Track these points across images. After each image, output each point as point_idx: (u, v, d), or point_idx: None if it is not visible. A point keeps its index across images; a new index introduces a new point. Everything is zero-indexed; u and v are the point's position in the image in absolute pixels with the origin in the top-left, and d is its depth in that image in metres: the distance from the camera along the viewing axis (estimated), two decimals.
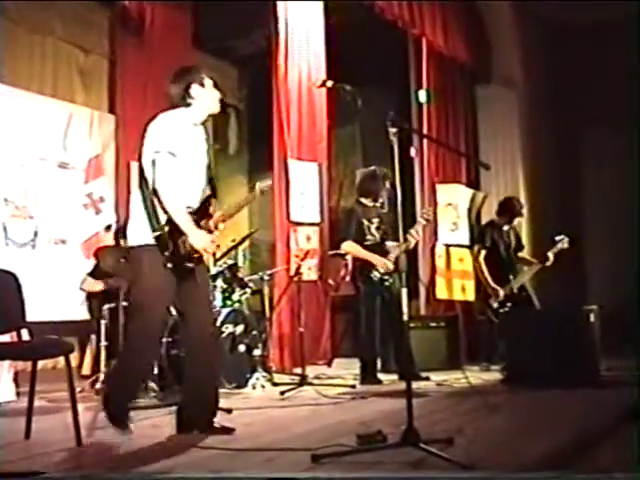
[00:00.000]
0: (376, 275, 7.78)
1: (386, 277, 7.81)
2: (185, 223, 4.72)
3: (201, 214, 4.90)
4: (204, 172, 4.97)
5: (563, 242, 8.74)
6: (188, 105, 4.95)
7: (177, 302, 5.09)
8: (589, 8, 10.99)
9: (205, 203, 4.96)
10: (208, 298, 5.31)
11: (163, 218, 4.68)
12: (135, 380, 5.12)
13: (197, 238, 4.76)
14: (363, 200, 8.05)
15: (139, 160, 4.83)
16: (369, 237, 7.93)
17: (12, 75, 8.40)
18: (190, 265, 4.78)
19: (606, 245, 11.46)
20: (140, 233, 4.76)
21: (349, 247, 7.93)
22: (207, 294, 5.25)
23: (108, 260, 7.58)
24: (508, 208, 9.08)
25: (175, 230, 4.70)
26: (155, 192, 4.67)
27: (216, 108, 5.08)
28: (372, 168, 8.07)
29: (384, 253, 7.84)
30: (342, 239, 8.01)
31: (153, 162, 4.68)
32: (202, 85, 4.99)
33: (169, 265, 4.68)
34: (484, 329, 9.10)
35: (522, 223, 9.41)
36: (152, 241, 4.68)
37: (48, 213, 8.12)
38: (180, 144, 4.76)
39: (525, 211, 9.34)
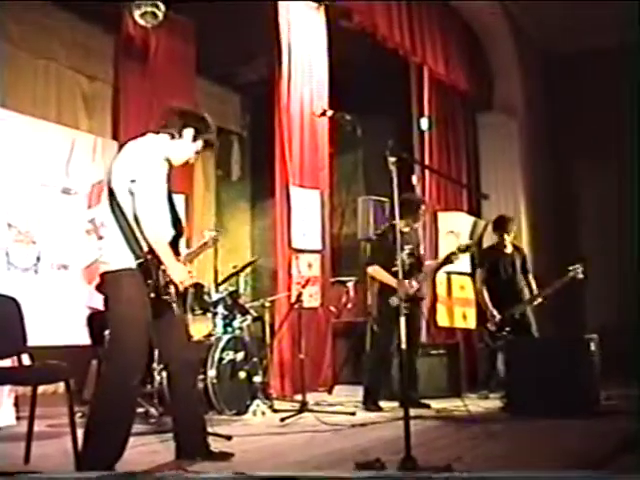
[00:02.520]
0: (394, 301, 7.75)
1: (405, 304, 7.80)
2: (166, 255, 4.63)
3: (173, 250, 4.78)
4: (168, 209, 4.84)
5: (577, 272, 8.59)
6: (172, 137, 4.91)
7: (154, 335, 4.80)
8: (588, 36, 11.09)
9: (174, 241, 4.83)
10: (186, 329, 5.18)
11: (144, 245, 4.58)
12: (117, 432, 4.61)
13: (177, 271, 4.67)
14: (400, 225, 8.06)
15: (108, 184, 4.72)
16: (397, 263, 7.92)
17: (16, 100, 8.45)
18: (167, 298, 4.67)
19: (605, 272, 11.46)
20: (117, 257, 4.63)
21: (374, 272, 7.97)
22: (185, 325, 5.15)
23: None
24: (498, 226, 9.22)
25: (155, 260, 4.60)
26: (136, 220, 4.56)
27: (179, 162, 4.99)
28: (407, 194, 8.07)
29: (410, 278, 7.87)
30: (368, 263, 8.06)
31: (130, 191, 4.57)
32: (195, 137, 4.95)
33: (152, 295, 4.59)
34: (482, 355, 9.13)
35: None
36: (131, 265, 4.57)
37: (51, 238, 8.15)
38: (154, 175, 4.70)
39: (525, 237, 9.37)
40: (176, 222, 4.89)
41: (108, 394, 4.62)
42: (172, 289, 4.70)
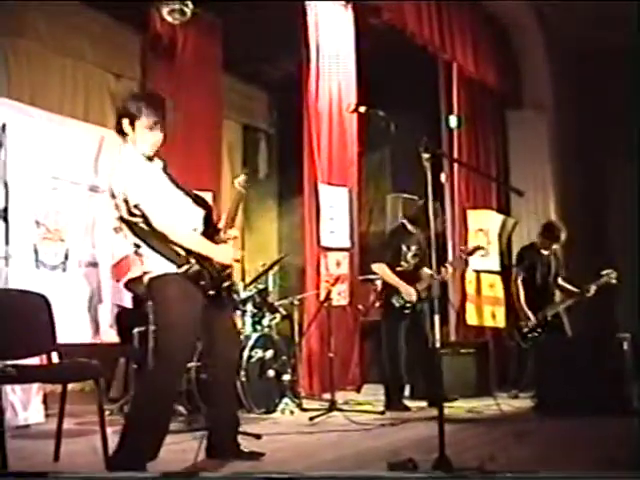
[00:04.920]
0: (399, 301, 7.80)
1: (408, 305, 7.81)
2: (203, 247, 4.60)
3: (209, 232, 4.74)
4: (183, 195, 4.76)
5: (610, 276, 8.63)
6: (123, 137, 4.78)
7: (203, 328, 4.80)
8: (620, 33, 10.95)
9: (206, 221, 4.78)
10: (234, 322, 5.20)
11: (181, 252, 4.53)
12: (157, 432, 4.62)
13: (221, 254, 4.66)
14: (409, 226, 8.07)
15: (120, 217, 4.61)
16: (403, 263, 7.95)
17: (44, 98, 8.47)
18: (226, 284, 4.68)
19: (637, 272, 11.34)
20: (160, 263, 4.57)
21: (379, 269, 7.97)
22: (233, 318, 5.17)
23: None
24: (550, 231, 9.09)
25: (199, 257, 4.56)
26: (159, 235, 4.50)
27: (147, 151, 4.79)
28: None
29: (415, 280, 7.86)
30: (375, 259, 8.04)
31: (137, 214, 4.50)
32: (132, 123, 4.76)
33: (211, 293, 4.57)
34: (513, 355, 9.08)
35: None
36: (173, 269, 4.53)
37: (79, 236, 8.15)
38: (147, 184, 4.57)
39: None
40: (198, 202, 4.82)
41: (151, 395, 4.60)
42: (226, 272, 4.69)
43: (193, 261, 4.53)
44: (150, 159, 4.76)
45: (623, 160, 12.09)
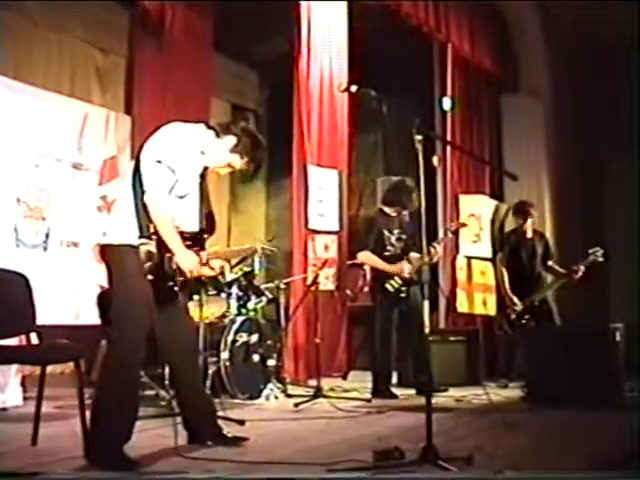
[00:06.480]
0: (393, 285, 7.78)
1: (403, 288, 7.79)
2: (172, 240, 4.53)
3: (193, 243, 4.71)
4: (197, 200, 4.78)
5: (597, 254, 8.63)
6: (217, 135, 4.84)
7: (155, 322, 4.74)
8: (620, 21, 10.91)
9: (198, 235, 4.78)
10: (188, 314, 5.11)
11: (152, 228, 4.50)
12: (126, 411, 4.55)
13: (183, 257, 4.57)
14: (386, 210, 8.04)
15: (136, 158, 4.65)
16: (389, 248, 7.92)
17: (29, 73, 8.40)
18: (172, 285, 4.60)
19: (631, 262, 11.33)
20: (122, 231, 4.55)
21: (365, 257, 7.95)
22: (187, 310, 5.08)
23: None
24: (518, 210, 9.23)
25: (162, 245, 4.51)
26: (144, 201, 4.49)
27: (219, 167, 4.95)
28: (401, 178, 8.06)
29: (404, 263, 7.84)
30: (359, 249, 8.01)
31: (150, 170, 4.52)
32: (236, 149, 4.85)
33: (149, 277, 4.49)
34: (502, 343, 9.08)
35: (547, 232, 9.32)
36: (132, 242, 4.49)
37: (61, 215, 8.10)
38: (183, 163, 4.61)
39: (548, 223, 9.32)
40: (207, 219, 4.84)
41: (114, 373, 4.55)
42: (179, 278, 4.62)
43: (152, 243, 4.48)
44: (202, 153, 4.80)
45: (619, 147, 12.07)
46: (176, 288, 4.63)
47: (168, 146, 4.61)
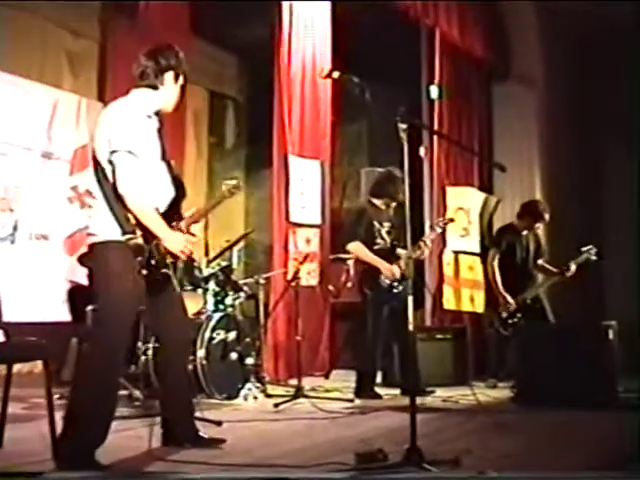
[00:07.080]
0: (385, 281, 7.75)
1: (395, 284, 7.78)
2: (156, 226, 4.55)
3: (170, 216, 4.73)
4: (165, 169, 4.79)
5: (590, 252, 8.67)
6: (154, 88, 4.82)
7: (148, 311, 4.88)
8: (618, 7, 10.93)
9: (173, 204, 4.80)
10: (183, 306, 5.14)
11: (132, 219, 4.51)
12: (102, 414, 4.54)
13: (171, 240, 4.60)
14: (375, 201, 8.03)
15: (93, 155, 4.64)
16: (379, 241, 7.90)
17: None
18: (166, 271, 4.63)
19: (625, 259, 11.37)
20: (106, 227, 4.54)
21: (355, 248, 7.90)
22: (182, 301, 5.10)
23: None
24: (530, 211, 9.07)
25: (147, 233, 4.53)
26: (118, 195, 4.49)
27: (170, 108, 4.95)
28: (388, 169, 8.05)
29: (394, 259, 7.82)
30: (349, 239, 7.97)
31: (111, 162, 4.50)
32: (177, 78, 4.88)
33: (144, 272, 4.51)
34: (492, 342, 9.08)
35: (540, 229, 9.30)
36: (120, 238, 4.50)
37: (29, 206, 8.07)
38: (138, 141, 4.58)
39: None
40: (175, 183, 4.83)
41: (92, 374, 4.53)
42: (170, 261, 4.65)
43: (139, 233, 4.50)
44: (149, 116, 4.78)
45: (613, 138, 12.11)
46: (170, 272, 4.64)
47: (117, 129, 4.56)
